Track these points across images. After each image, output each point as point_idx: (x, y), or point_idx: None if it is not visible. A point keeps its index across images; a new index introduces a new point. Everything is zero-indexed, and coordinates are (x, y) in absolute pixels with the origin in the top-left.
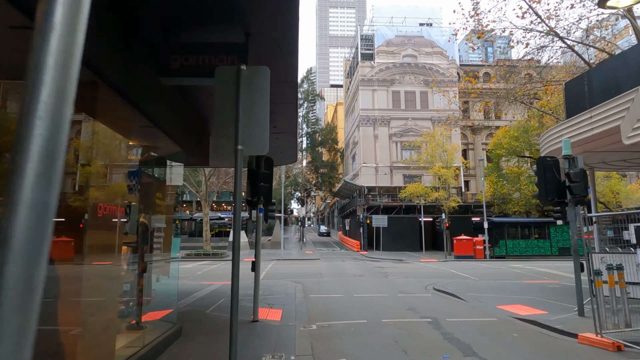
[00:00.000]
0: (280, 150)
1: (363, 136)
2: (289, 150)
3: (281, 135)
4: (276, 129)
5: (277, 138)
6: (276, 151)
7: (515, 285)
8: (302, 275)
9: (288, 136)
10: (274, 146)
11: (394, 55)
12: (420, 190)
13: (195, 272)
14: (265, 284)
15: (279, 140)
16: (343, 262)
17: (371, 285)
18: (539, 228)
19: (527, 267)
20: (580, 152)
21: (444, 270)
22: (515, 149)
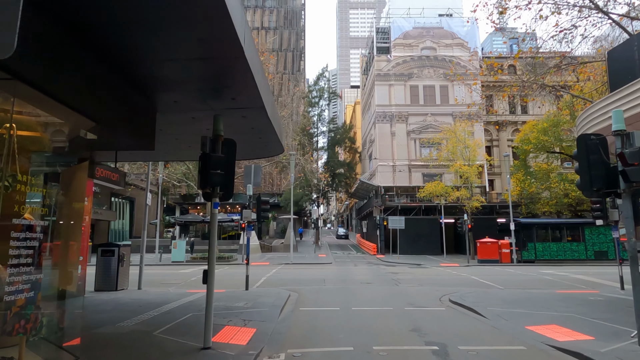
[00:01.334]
0: (257, 136)
1: (379, 133)
2: (268, 134)
3: (248, 112)
4: (235, 101)
5: (244, 117)
6: (251, 136)
7: (547, 296)
8: (304, 282)
9: (257, 114)
10: (245, 128)
11: (412, 48)
12: (440, 190)
13: (189, 277)
14: (255, 293)
15: (248, 120)
16: (355, 266)
17: (377, 295)
18: (572, 230)
19: (560, 273)
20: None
21: (464, 276)
22: (544, 144)
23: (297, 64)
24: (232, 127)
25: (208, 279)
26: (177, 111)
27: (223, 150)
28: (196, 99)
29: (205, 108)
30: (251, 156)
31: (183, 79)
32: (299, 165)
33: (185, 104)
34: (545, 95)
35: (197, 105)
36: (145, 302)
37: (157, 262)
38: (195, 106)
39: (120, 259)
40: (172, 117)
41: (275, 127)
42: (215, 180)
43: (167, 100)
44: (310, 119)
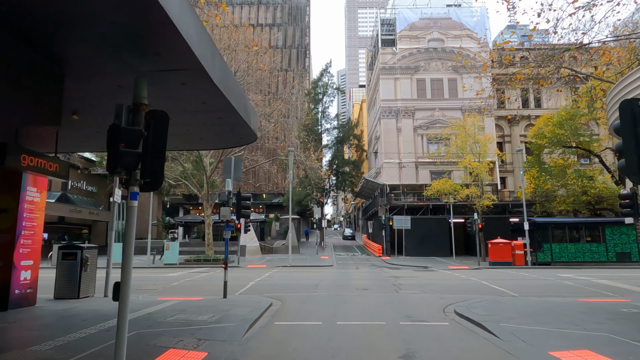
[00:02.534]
0: (215, 115)
1: (385, 129)
2: (228, 114)
3: (185, 76)
4: (161, 58)
5: (184, 84)
6: (208, 116)
7: (570, 307)
8: (294, 288)
9: (200, 81)
10: (194, 103)
11: (418, 40)
12: (448, 187)
13: (172, 282)
14: (232, 302)
15: (191, 89)
16: (356, 269)
17: (372, 304)
18: (591, 229)
19: (580, 277)
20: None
21: (473, 281)
22: (560, 138)
23: (302, 61)
24: (178, 102)
25: (121, 295)
26: (92, 75)
27: (149, 124)
28: (108, 53)
29: (127, 69)
30: (218, 144)
31: (79, 19)
32: (302, 163)
33: (97, 63)
34: (561, 81)
35: (112, 65)
36: (97, 314)
37: (149, 264)
38: (111, 66)
39: (83, 263)
40: (89, 86)
41: (234, 103)
42: (127, 161)
43: (69, 56)
44: (314, 115)
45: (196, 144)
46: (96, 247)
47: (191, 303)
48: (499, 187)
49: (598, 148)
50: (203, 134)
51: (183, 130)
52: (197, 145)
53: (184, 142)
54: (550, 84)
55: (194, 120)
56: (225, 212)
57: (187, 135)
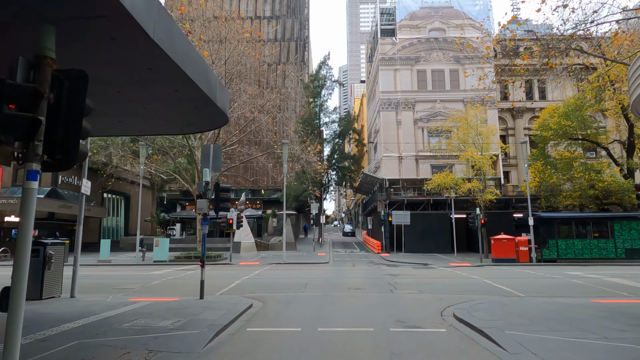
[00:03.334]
0: (170, 87)
1: (384, 122)
2: (184, 85)
3: (112, 28)
4: None
5: (114, 39)
6: (162, 89)
7: (584, 309)
8: (282, 288)
9: (133, 36)
10: (138, 70)
11: (419, 30)
12: (449, 181)
13: (151, 281)
14: (207, 303)
15: (127, 50)
16: (353, 267)
17: (362, 306)
18: (599, 225)
19: (589, 274)
20: None
21: (475, 280)
22: (566, 129)
23: (301, 53)
24: (118, 67)
25: (11, 305)
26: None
27: (62, 85)
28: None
29: (29, 16)
30: (187, 128)
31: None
32: (298, 157)
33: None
34: (568, 70)
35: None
36: (48, 319)
37: (138, 261)
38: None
39: (46, 261)
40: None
41: (189, 72)
42: (16, 127)
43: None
44: (312, 109)
45: (161, 126)
46: (63, 243)
47: (162, 305)
48: (502, 181)
49: (605, 140)
50: (165, 113)
51: (140, 108)
52: (163, 129)
53: (147, 124)
54: (560, 65)
55: (148, 95)
56: (202, 205)
57: (147, 115)
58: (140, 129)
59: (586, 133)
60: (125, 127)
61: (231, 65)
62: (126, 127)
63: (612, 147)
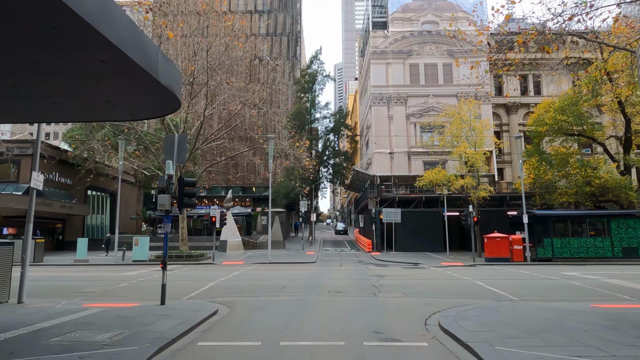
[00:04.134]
0: (95, 57)
1: (375, 117)
2: (110, 53)
3: None
4: None
5: None
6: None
7: (585, 316)
8: (257, 291)
9: None
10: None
11: (412, 23)
12: (441, 178)
13: (120, 283)
14: (166, 309)
15: None
16: (339, 267)
17: (338, 314)
18: (596, 223)
19: (587, 275)
20: None
21: (467, 281)
22: (562, 125)
23: (293, 48)
24: (17, 25)
25: None
26: None
27: None
28: None
29: None
30: (133, 112)
31: None
32: (285, 152)
33: None
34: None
35: None
36: None
37: (118, 261)
38: None
39: None
40: None
41: (108, 34)
42: None
43: None
44: (302, 104)
45: (107, 110)
46: (11, 243)
47: (113, 312)
48: (497, 178)
49: (602, 136)
50: (102, 92)
51: (70, 86)
52: (111, 113)
53: (89, 108)
54: (557, 50)
55: (70, 67)
56: (163, 201)
57: (83, 94)
58: (83, 112)
59: (582, 128)
60: (64, 110)
61: (215, 56)
62: (65, 110)
63: (608, 143)
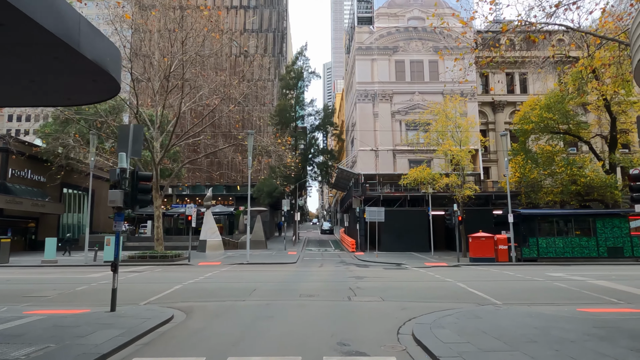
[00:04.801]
0: None
1: (360, 114)
2: (7, 14)
3: None
4: None
5: None
6: None
7: (573, 323)
8: (223, 295)
9: None
10: None
11: (397, 18)
12: (426, 176)
13: (79, 285)
14: (113, 317)
15: None
16: (319, 267)
17: (304, 321)
18: (581, 222)
19: (573, 276)
20: None
21: (449, 283)
22: (548, 122)
23: (279, 45)
24: None
25: None
26: None
27: None
28: None
29: None
30: (69, 97)
31: None
32: (265, 148)
33: None
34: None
35: None
36: None
37: (89, 262)
38: None
39: None
40: None
41: None
42: None
43: None
44: (287, 101)
45: (36, 92)
46: None
47: (52, 321)
48: (482, 177)
49: (587, 135)
50: (21, 69)
51: None
52: (41, 97)
53: (13, 88)
54: (544, 38)
55: None
56: (114, 197)
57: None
58: (9, 95)
59: (568, 127)
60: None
61: (192, 48)
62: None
63: (594, 141)
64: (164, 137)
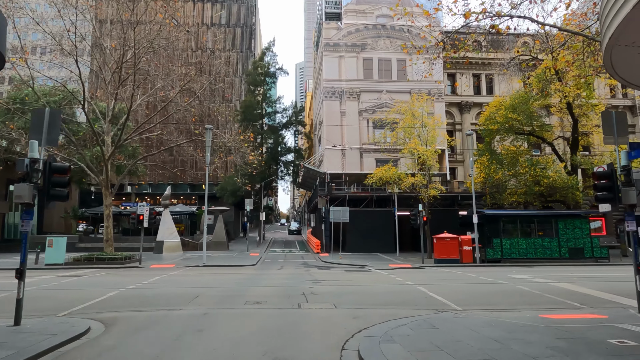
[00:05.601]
0: None
1: (327, 112)
2: None
3: None
4: None
5: None
6: None
7: (534, 334)
8: (159, 302)
9: None
10: None
11: (366, 15)
12: (392, 175)
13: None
14: (16, 331)
15: None
16: (279, 270)
17: (240, 334)
18: (544, 223)
19: (536, 278)
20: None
21: (410, 286)
22: (513, 123)
23: (247, 41)
24: None
25: None
26: None
27: None
28: None
29: None
30: None
31: None
32: (225, 145)
33: None
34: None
35: None
36: None
37: (30, 265)
38: None
39: None
40: None
41: None
42: None
43: None
44: (253, 97)
45: None
46: None
47: None
48: (449, 177)
49: (550, 137)
50: None
51: None
52: None
53: None
54: (508, 30)
55: None
56: (21, 192)
57: None
58: None
59: (532, 128)
60: None
61: (145, 36)
62: None
63: (556, 143)
64: (115, 132)
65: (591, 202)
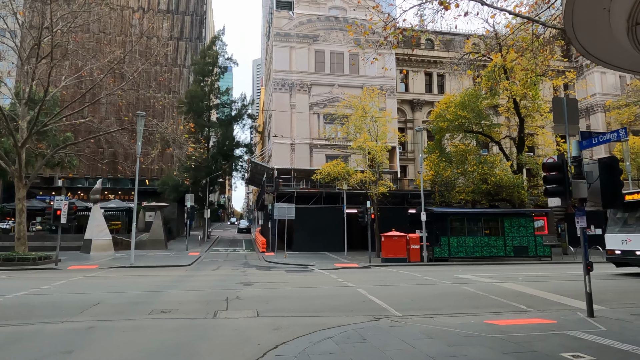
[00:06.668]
0: None
1: (277, 104)
2: None
3: None
4: None
5: None
6: None
7: (477, 347)
8: (46, 313)
9: None
10: None
11: (319, 6)
12: (340, 170)
13: None
14: None
15: None
16: (213, 270)
17: (122, 356)
18: (490, 221)
19: (482, 278)
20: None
21: (350, 288)
22: (462, 121)
23: (197, 30)
24: None
25: None
26: None
27: None
28: None
29: None
30: None
31: None
32: (162, 135)
33: None
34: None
35: None
36: None
37: None
38: None
39: None
40: None
41: None
42: None
43: None
44: (200, 88)
45: None
46: None
47: None
48: (399, 175)
49: (498, 136)
50: None
51: None
52: None
53: None
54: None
55: None
56: None
57: None
58: None
59: (481, 127)
60: None
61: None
62: None
63: (503, 142)
64: (33, 115)
65: (535, 201)
